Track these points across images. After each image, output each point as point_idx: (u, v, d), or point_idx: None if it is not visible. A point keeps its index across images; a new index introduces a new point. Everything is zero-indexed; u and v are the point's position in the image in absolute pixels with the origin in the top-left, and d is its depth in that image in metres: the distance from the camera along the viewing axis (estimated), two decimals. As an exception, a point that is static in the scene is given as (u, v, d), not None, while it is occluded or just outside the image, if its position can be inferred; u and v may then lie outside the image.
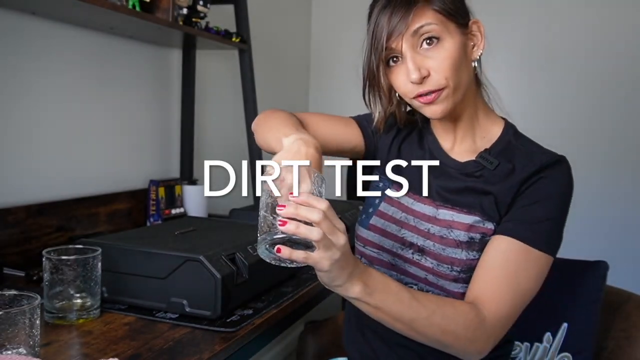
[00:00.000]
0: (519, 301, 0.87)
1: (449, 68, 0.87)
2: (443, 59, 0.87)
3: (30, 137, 1.40)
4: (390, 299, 0.78)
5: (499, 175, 0.93)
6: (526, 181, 0.90)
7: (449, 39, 0.88)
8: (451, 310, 0.82)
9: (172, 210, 1.78)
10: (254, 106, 1.96)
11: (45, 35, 1.42)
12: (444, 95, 0.89)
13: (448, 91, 0.88)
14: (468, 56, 0.92)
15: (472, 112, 0.97)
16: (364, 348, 1.03)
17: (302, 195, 0.70)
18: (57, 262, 0.93)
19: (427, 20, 0.87)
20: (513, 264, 0.87)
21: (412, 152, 1.03)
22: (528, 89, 2.66)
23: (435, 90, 0.88)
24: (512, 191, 0.90)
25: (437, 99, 0.89)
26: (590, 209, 2.43)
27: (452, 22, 0.89)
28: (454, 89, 0.89)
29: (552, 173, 0.90)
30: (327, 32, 3.04)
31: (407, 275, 0.96)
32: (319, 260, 0.70)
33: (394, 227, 0.98)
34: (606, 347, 1.22)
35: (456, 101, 0.91)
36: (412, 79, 0.88)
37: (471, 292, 0.88)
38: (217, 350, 0.86)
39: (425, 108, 0.92)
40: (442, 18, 0.88)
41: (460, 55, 0.89)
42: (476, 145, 0.98)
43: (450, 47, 0.88)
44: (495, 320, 0.85)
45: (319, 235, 0.68)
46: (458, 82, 0.89)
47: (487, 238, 0.91)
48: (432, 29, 0.87)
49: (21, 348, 0.75)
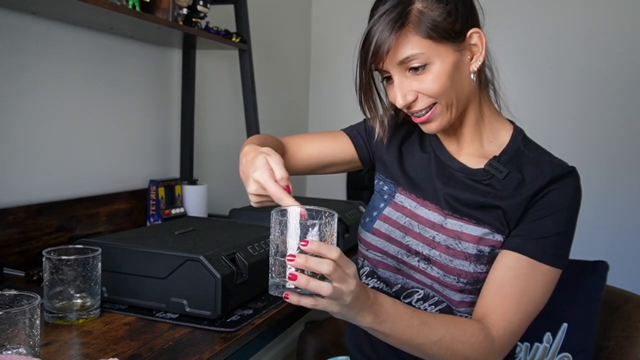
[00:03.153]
0: (527, 317, 0.87)
1: (438, 90, 0.86)
2: (429, 82, 0.86)
3: (30, 137, 1.40)
4: (400, 326, 0.79)
5: (508, 185, 0.92)
6: (536, 195, 0.89)
7: (438, 62, 0.85)
8: (460, 332, 0.83)
9: (172, 210, 1.78)
10: (254, 106, 1.96)
11: (45, 35, 1.42)
12: (437, 112, 0.88)
13: (441, 108, 0.88)
14: (463, 71, 0.88)
15: (477, 117, 0.96)
16: (364, 346, 1.03)
17: (313, 244, 0.68)
18: (57, 262, 0.93)
19: (412, 50, 0.84)
20: (522, 282, 0.87)
21: (414, 154, 1.02)
22: (530, 90, 2.66)
23: (426, 108, 0.88)
24: (521, 205, 0.90)
25: (431, 118, 0.89)
26: (590, 209, 2.42)
27: (443, 45, 0.85)
28: (447, 106, 0.88)
29: (561, 186, 0.89)
30: (327, 32, 3.04)
31: (413, 280, 0.96)
32: (327, 306, 0.71)
33: (398, 233, 0.98)
34: (606, 347, 1.22)
35: (452, 116, 0.90)
36: (398, 105, 0.88)
37: (480, 309, 0.88)
38: (217, 350, 0.86)
39: (421, 125, 0.92)
40: (430, 44, 0.84)
41: (452, 73, 0.86)
42: (484, 149, 0.97)
43: (439, 70, 0.85)
44: (504, 338, 0.85)
45: (329, 291, 0.68)
46: (450, 99, 0.88)
47: (496, 251, 0.90)
48: (417, 59, 0.84)
49: (21, 348, 0.75)
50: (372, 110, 0.94)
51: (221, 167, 2.25)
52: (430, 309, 0.95)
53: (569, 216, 0.89)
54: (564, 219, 0.88)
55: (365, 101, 0.93)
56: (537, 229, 0.88)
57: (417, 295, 0.96)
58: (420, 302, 0.96)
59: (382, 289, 0.99)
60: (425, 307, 0.95)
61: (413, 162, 1.02)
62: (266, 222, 1.37)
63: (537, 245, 0.87)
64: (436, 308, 0.94)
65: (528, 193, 0.89)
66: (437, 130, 0.91)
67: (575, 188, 0.90)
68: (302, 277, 0.67)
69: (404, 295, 0.97)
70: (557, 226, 0.88)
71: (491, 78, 0.97)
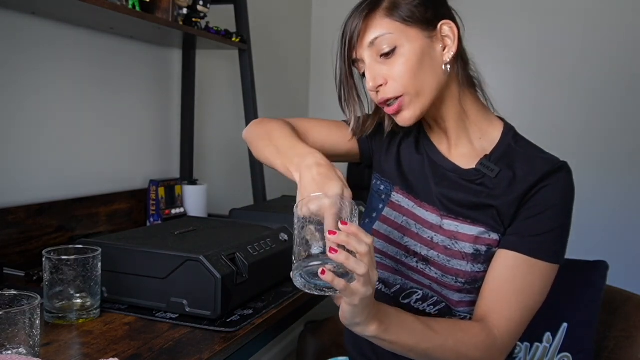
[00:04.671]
0: (528, 314, 0.88)
1: (406, 75, 0.87)
2: (399, 66, 0.87)
3: (30, 137, 1.40)
4: (404, 333, 0.79)
5: (500, 183, 0.92)
6: (529, 192, 0.89)
7: (406, 46, 0.87)
8: (463, 334, 0.83)
9: (172, 210, 1.78)
10: (254, 106, 1.97)
11: (45, 35, 1.42)
12: (406, 101, 0.89)
13: (409, 98, 0.88)
14: (435, 59, 0.89)
15: (459, 112, 0.95)
16: (363, 346, 1.03)
17: (352, 226, 0.70)
18: (57, 262, 0.93)
19: (381, 31, 0.87)
20: (521, 280, 0.87)
21: (411, 155, 1.02)
22: (524, 89, 2.66)
23: (393, 97, 0.89)
24: (515, 203, 0.90)
25: (401, 107, 0.89)
26: (590, 209, 2.43)
27: (412, 29, 0.87)
28: (416, 94, 0.88)
29: (554, 181, 0.89)
30: (327, 32, 3.03)
31: (411, 281, 0.96)
32: (355, 292, 0.70)
33: (396, 234, 0.98)
34: (606, 347, 1.22)
35: (424, 106, 0.90)
36: (368, 87, 0.90)
37: (480, 309, 0.88)
38: (217, 350, 0.86)
39: (394, 117, 0.92)
40: (400, 26, 0.87)
41: (422, 60, 0.87)
42: (474, 146, 0.96)
43: (408, 54, 0.87)
44: (506, 337, 0.86)
45: (365, 269, 0.68)
46: (420, 87, 0.88)
47: (493, 250, 0.90)
48: (386, 40, 0.87)
49: (21, 348, 0.75)
50: (351, 105, 0.96)
51: (221, 167, 2.25)
52: (429, 309, 0.95)
53: (563, 211, 0.89)
54: (559, 215, 0.89)
55: (345, 96, 0.96)
56: (532, 226, 0.88)
57: (416, 296, 0.96)
58: (419, 303, 0.96)
59: (381, 290, 0.99)
60: (424, 307, 0.95)
61: (409, 163, 1.02)
62: (266, 222, 1.37)
63: (533, 242, 0.87)
64: (435, 308, 0.95)
65: (521, 190, 0.89)
66: (411, 120, 0.91)
67: (568, 183, 0.90)
68: (343, 252, 0.68)
69: (403, 296, 0.97)
70: (552, 222, 0.88)
71: (477, 78, 0.97)
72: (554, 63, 2.62)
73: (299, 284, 0.72)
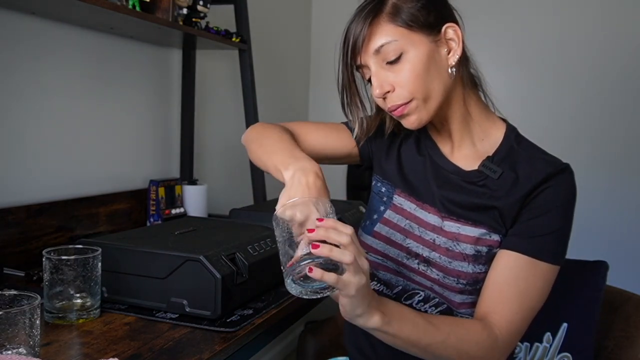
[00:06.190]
0: (528, 315, 0.88)
1: (413, 81, 0.86)
2: (406, 72, 0.86)
3: (30, 137, 1.40)
4: (407, 326, 0.79)
5: (503, 185, 0.92)
6: (530, 193, 0.89)
7: (412, 51, 0.86)
8: (464, 331, 0.83)
9: (172, 210, 1.78)
10: (254, 106, 1.97)
11: (45, 35, 1.42)
12: (413, 106, 0.88)
13: (417, 102, 0.88)
14: (440, 63, 0.89)
15: (464, 114, 0.95)
16: (363, 345, 1.03)
17: (329, 220, 0.71)
18: (57, 262, 0.93)
19: (387, 38, 0.86)
20: (522, 281, 0.87)
21: (412, 157, 1.02)
22: (530, 90, 2.66)
23: (401, 104, 0.88)
24: (517, 204, 0.90)
25: (407, 111, 0.89)
26: (590, 209, 2.43)
27: (417, 34, 0.86)
28: (424, 99, 0.88)
29: (556, 183, 0.89)
30: (327, 32, 3.04)
31: (413, 282, 0.96)
32: (348, 283, 0.70)
33: (398, 236, 0.98)
34: (606, 347, 1.22)
35: (431, 110, 0.89)
36: (374, 94, 0.89)
37: (481, 309, 0.88)
38: (217, 350, 0.86)
39: (402, 120, 0.92)
40: (404, 32, 0.86)
41: (428, 65, 0.87)
42: (476, 148, 0.96)
43: (414, 60, 0.86)
44: (507, 336, 0.86)
45: (351, 257, 0.69)
46: (427, 92, 0.88)
47: (494, 251, 0.90)
48: (392, 47, 0.86)
49: (21, 348, 0.75)
50: (354, 111, 0.95)
51: (221, 167, 2.25)
52: (431, 311, 0.95)
53: (564, 213, 0.89)
54: (560, 216, 0.89)
55: (347, 101, 0.95)
56: (534, 227, 0.88)
57: (417, 297, 0.96)
58: (421, 304, 0.96)
59: (383, 292, 0.99)
60: (426, 308, 0.95)
61: (410, 165, 1.02)
62: (266, 222, 1.37)
63: (535, 243, 0.87)
64: (437, 309, 0.94)
65: (523, 192, 0.89)
66: (418, 124, 0.91)
67: (570, 184, 0.90)
68: (325, 245, 0.68)
69: (405, 297, 0.97)
70: (554, 223, 0.88)
71: (478, 77, 0.97)
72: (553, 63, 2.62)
73: (294, 292, 0.72)
